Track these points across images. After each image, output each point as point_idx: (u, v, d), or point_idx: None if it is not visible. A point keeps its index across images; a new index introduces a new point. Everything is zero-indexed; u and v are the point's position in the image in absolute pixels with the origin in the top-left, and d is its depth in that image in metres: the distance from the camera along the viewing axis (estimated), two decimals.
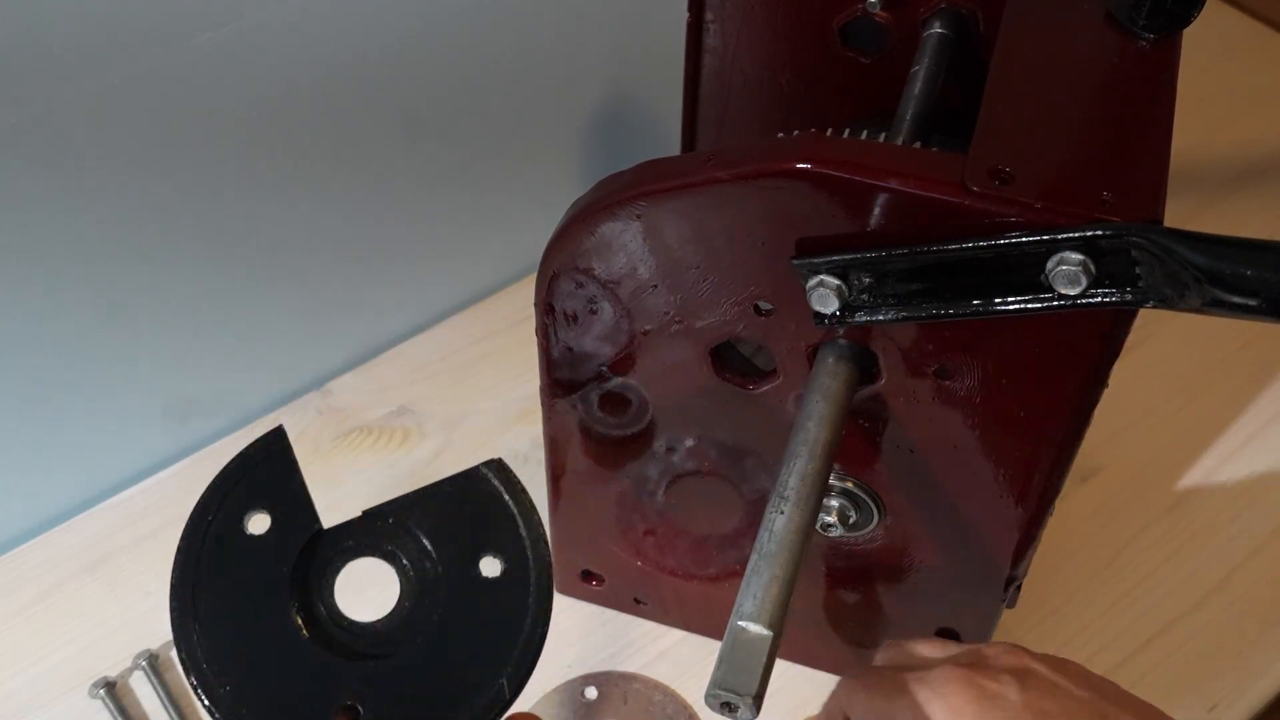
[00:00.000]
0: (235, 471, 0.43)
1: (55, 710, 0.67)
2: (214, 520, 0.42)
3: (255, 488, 0.42)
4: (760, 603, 0.44)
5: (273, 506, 0.43)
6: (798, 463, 0.48)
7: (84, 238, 0.66)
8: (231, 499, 0.42)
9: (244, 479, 0.43)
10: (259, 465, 0.43)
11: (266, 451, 0.43)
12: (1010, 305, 0.44)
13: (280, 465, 0.43)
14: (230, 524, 0.42)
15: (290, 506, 0.43)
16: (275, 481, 0.43)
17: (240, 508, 0.42)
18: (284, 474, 0.43)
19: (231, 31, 0.64)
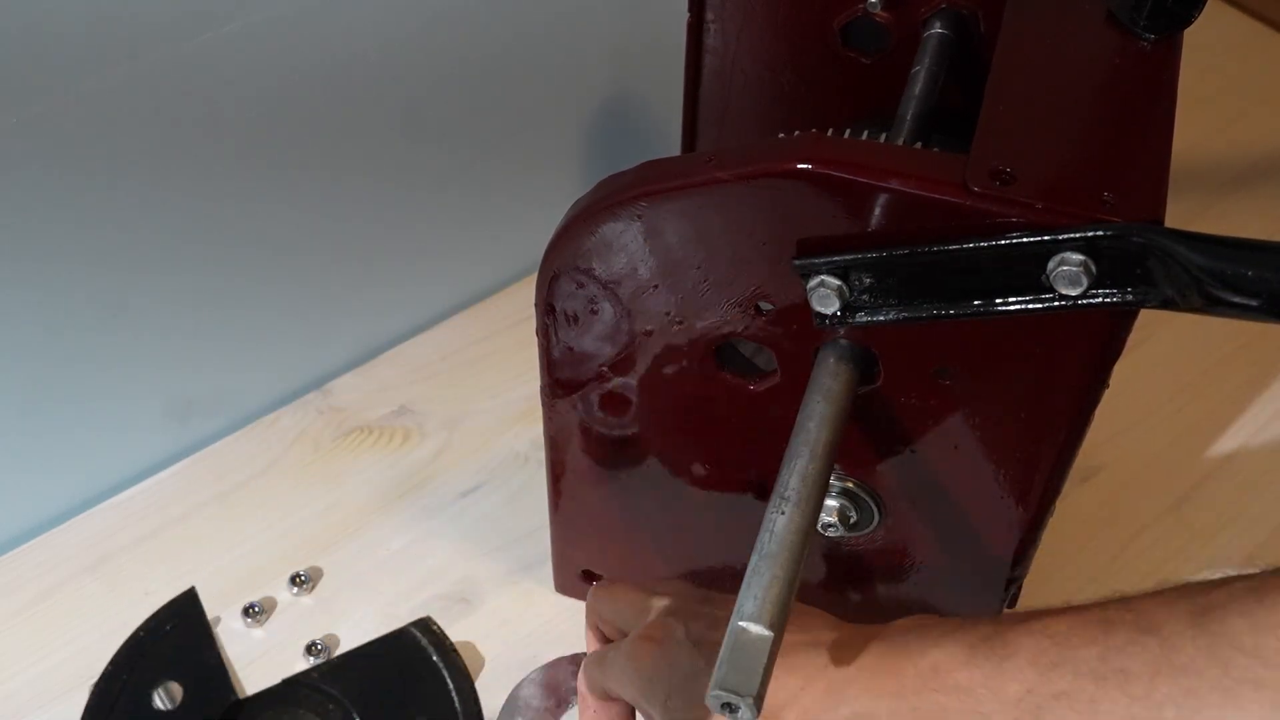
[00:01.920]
0: (142, 640, 0.39)
1: (55, 710, 0.67)
2: (121, 694, 0.39)
3: (165, 656, 0.39)
4: (761, 603, 0.44)
5: (184, 676, 0.39)
6: (798, 463, 0.48)
7: (84, 237, 0.66)
8: (139, 670, 0.39)
9: (152, 647, 0.39)
10: (169, 631, 0.39)
11: (177, 616, 0.39)
12: (1011, 306, 0.44)
13: (193, 630, 0.39)
14: (137, 698, 0.39)
15: (204, 675, 0.39)
16: (187, 648, 0.39)
17: (149, 680, 0.39)
18: (197, 640, 0.39)
19: (232, 31, 0.64)
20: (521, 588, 0.73)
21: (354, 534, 0.75)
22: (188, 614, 0.38)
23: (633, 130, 0.87)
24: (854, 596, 0.63)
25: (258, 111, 0.68)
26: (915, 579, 0.60)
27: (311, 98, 0.70)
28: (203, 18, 0.63)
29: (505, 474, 0.78)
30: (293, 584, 0.72)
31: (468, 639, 0.70)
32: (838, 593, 0.63)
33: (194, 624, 0.38)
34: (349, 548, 0.74)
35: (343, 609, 0.71)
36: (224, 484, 0.77)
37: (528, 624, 0.71)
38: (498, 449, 0.80)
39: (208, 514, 0.76)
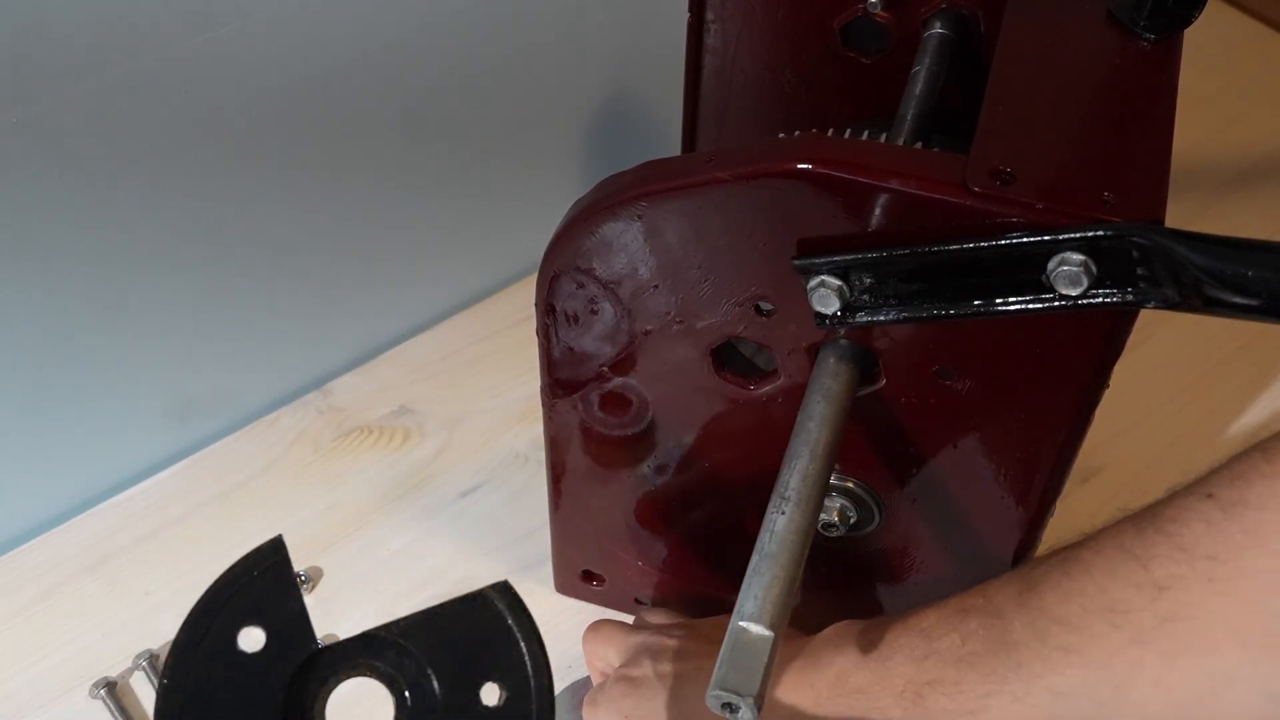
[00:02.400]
0: (231, 583, 0.40)
1: (55, 710, 0.67)
2: (207, 635, 0.40)
3: (251, 602, 0.40)
4: (761, 603, 0.44)
5: (268, 622, 0.40)
6: (798, 463, 0.48)
7: (84, 237, 0.66)
8: (226, 612, 0.40)
9: (240, 592, 0.40)
10: (256, 578, 0.40)
11: (265, 563, 0.40)
12: (1011, 306, 0.44)
13: (278, 578, 0.40)
14: (223, 640, 0.40)
15: (287, 623, 0.40)
16: (272, 596, 0.40)
17: (234, 622, 0.40)
18: (282, 588, 0.40)
19: (232, 31, 0.64)
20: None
21: (354, 534, 0.75)
22: (274, 561, 0.39)
23: (633, 130, 0.87)
24: (854, 596, 0.63)
25: (258, 111, 0.68)
26: (915, 579, 0.60)
27: (311, 98, 0.70)
28: (203, 18, 0.63)
29: (505, 474, 0.78)
30: None
31: None
32: (838, 593, 0.63)
33: (280, 572, 0.39)
34: (349, 548, 0.74)
35: (343, 609, 0.72)
36: (224, 484, 0.77)
37: None
38: (498, 449, 0.80)
39: (208, 514, 0.76)
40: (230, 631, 0.40)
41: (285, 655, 0.40)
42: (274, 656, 0.40)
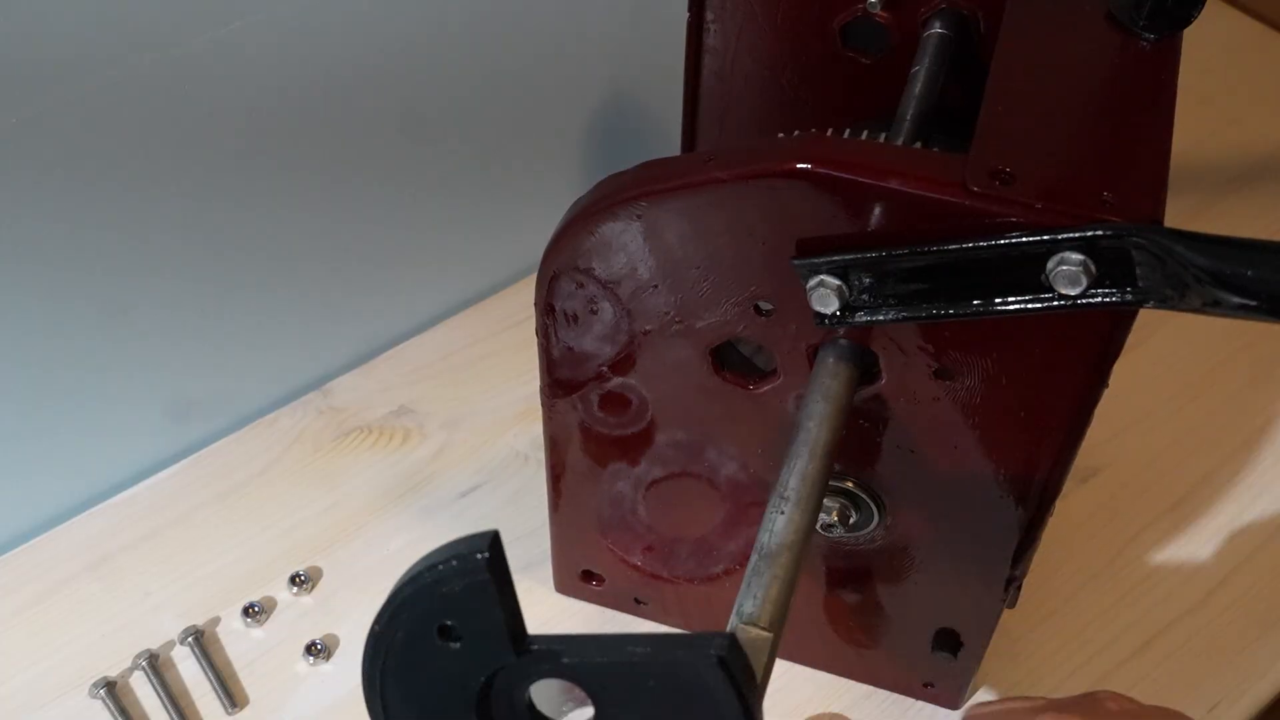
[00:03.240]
0: (435, 583, 0.37)
1: (55, 710, 0.67)
2: (407, 614, 0.37)
3: (452, 602, 0.37)
4: (760, 603, 0.44)
5: (467, 626, 0.37)
6: (798, 463, 0.48)
7: (84, 238, 0.66)
8: (426, 604, 0.37)
9: (441, 592, 0.37)
10: (466, 580, 0.36)
11: (485, 563, 0.36)
12: (1010, 305, 0.44)
13: (495, 583, 0.36)
14: (422, 628, 0.37)
15: (490, 628, 0.37)
16: (479, 603, 0.37)
17: (434, 616, 0.37)
18: (494, 594, 0.37)
19: (232, 32, 0.64)
20: (521, 588, 0.72)
21: (354, 534, 0.75)
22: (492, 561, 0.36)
23: (633, 130, 0.87)
24: (854, 596, 0.63)
25: (258, 112, 0.68)
26: (915, 579, 0.60)
27: (311, 98, 0.70)
28: (203, 18, 0.63)
29: (505, 474, 0.78)
30: (292, 584, 0.72)
31: None
32: (838, 593, 0.63)
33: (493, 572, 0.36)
34: (349, 548, 0.74)
35: (342, 609, 0.72)
36: (224, 484, 0.77)
37: (528, 624, 0.71)
38: (497, 449, 0.80)
39: (208, 514, 0.76)
40: (430, 621, 0.37)
41: (481, 660, 0.38)
42: (470, 657, 0.38)
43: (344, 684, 0.68)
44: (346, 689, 0.68)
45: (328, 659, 0.69)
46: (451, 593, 0.36)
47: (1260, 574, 0.74)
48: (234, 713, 0.67)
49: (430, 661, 0.37)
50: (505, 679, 0.38)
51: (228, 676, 0.69)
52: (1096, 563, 0.74)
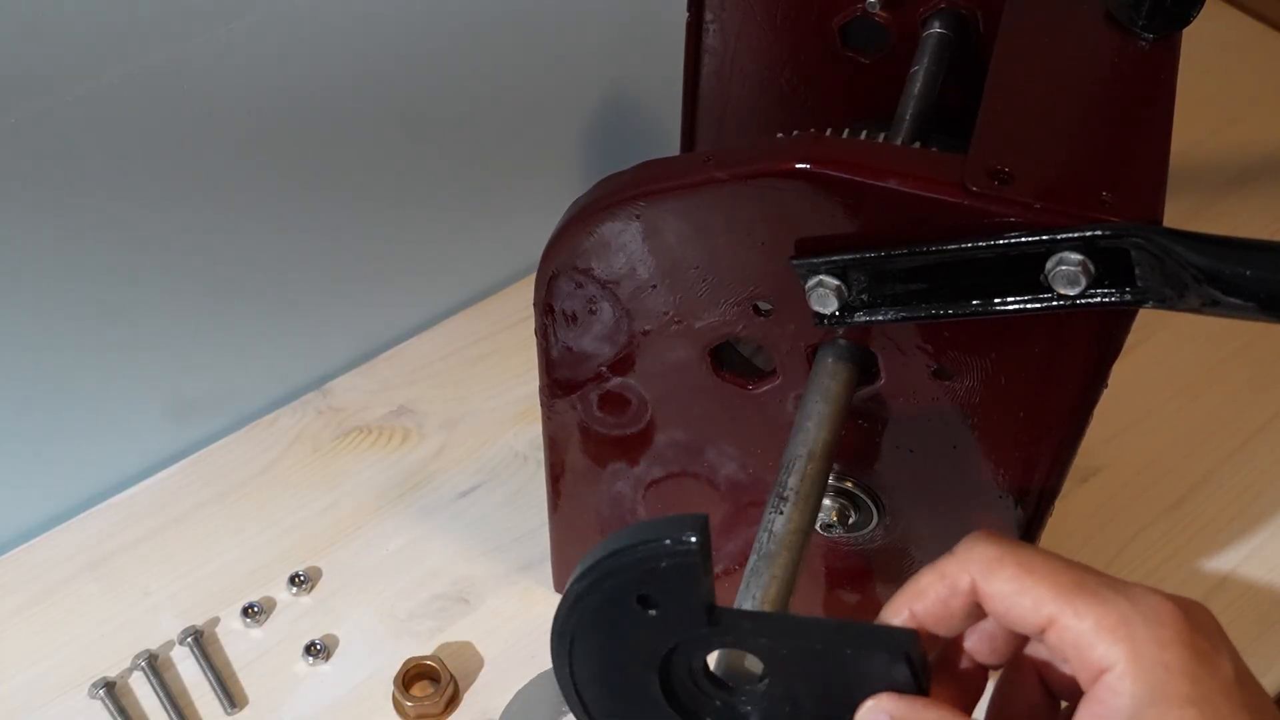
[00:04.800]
0: (644, 558, 0.38)
1: (55, 710, 0.67)
2: (610, 581, 0.39)
3: (657, 576, 0.38)
4: (760, 603, 0.44)
5: (666, 597, 0.39)
6: (797, 463, 0.48)
7: (83, 237, 0.66)
8: (630, 575, 0.39)
9: (648, 567, 0.38)
10: (676, 560, 0.38)
11: (696, 546, 0.38)
12: (1010, 305, 0.44)
13: (702, 565, 0.38)
14: (622, 594, 0.39)
15: (688, 603, 0.39)
16: (682, 580, 0.38)
17: (636, 585, 0.39)
18: (699, 575, 0.38)
19: (232, 32, 0.64)
20: (521, 587, 0.73)
21: (353, 534, 0.75)
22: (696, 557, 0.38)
23: (633, 130, 0.87)
24: (854, 597, 0.63)
25: (257, 111, 0.68)
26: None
27: (311, 97, 0.70)
28: (203, 18, 0.63)
29: (505, 474, 0.78)
30: (292, 584, 0.72)
31: (467, 639, 0.70)
32: (838, 593, 0.63)
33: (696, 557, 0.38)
34: (348, 548, 0.74)
35: (342, 609, 0.72)
36: (224, 484, 0.77)
37: (528, 624, 0.71)
38: (497, 449, 0.80)
39: (207, 514, 0.76)
40: (629, 590, 0.39)
41: (673, 631, 0.40)
42: (663, 627, 0.40)
43: (343, 684, 0.68)
44: (346, 689, 0.68)
45: (327, 659, 0.69)
46: (657, 568, 0.38)
47: (1260, 574, 0.74)
48: (233, 713, 0.67)
49: (623, 624, 0.39)
50: (689, 646, 0.40)
51: (227, 677, 0.69)
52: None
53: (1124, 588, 0.37)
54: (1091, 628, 0.36)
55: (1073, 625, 0.37)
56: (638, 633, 0.40)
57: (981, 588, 0.39)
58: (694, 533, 0.37)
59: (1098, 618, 0.36)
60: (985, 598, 0.39)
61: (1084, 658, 0.37)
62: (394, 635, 0.70)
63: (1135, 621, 0.36)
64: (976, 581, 0.39)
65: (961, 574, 0.39)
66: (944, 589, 0.39)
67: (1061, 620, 0.37)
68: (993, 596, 0.38)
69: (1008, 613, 0.38)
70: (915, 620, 0.40)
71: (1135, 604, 0.37)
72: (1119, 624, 0.36)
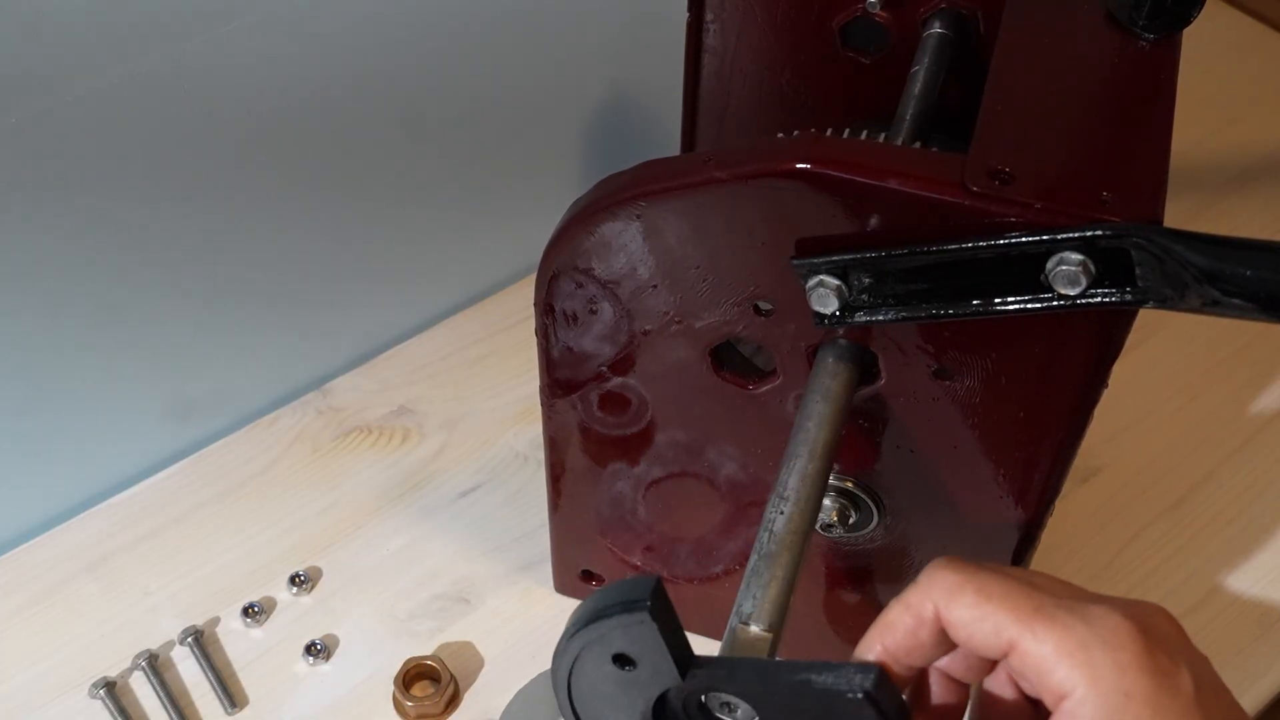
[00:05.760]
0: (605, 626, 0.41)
1: (55, 710, 0.67)
2: (584, 648, 0.42)
3: (623, 639, 0.41)
4: (760, 603, 0.44)
5: (639, 656, 0.41)
6: (798, 463, 0.48)
7: (84, 238, 0.66)
8: (599, 642, 0.41)
9: (612, 632, 0.41)
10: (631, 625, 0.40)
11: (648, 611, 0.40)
12: (1010, 305, 0.44)
13: (659, 626, 0.40)
14: (600, 656, 0.42)
15: (658, 659, 0.41)
16: (645, 641, 0.41)
17: (608, 647, 0.41)
18: (657, 636, 0.40)
19: (232, 32, 0.64)
20: (521, 587, 0.73)
21: (353, 534, 0.75)
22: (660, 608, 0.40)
23: (633, 130, 0.87)
24: (854, 596, 0.63)
25: (257, 112, 0.68)
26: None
27: (310, 97, 0.70)
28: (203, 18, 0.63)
29: (505, 474, 0.78)
30: (292, 584, 0.72)
31: (467, 639, 0.70)
32: (838, 593, 0.63)
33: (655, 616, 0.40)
34: (348, 548, 0.74)
35: (342, 609, 0.72)
36: (224, 484, 0.77)
37: (528, 624, 0.71)
38: (497, 449, 0.80)
39: (208, 514, 0.76)
40: (605, 650, 0.42)
41: (652, 685, 0.42)
42: (643, 681, 0.42)
43: (343, 684, 0.68)
44: (346, 689, 0.68)
45: (327, 659, 0.69)
46: (620, 633, 0.40)
47: (1260, 574, 0.74)
48: (234, 713, 0.67)
49: (609, 678, 0.42)
50: (676, 692, 0.42)
51: (227, 676, 0.69)
52: (1096, 563, 0.74)
53: (1083, 609, 0.37)
54: (1051, 652, 0.37)
55: (1032, 650, 0.37)
56: (624, 685, 0.42)
57: (944, 616, 0.39)
58: (646, 598, 0.39)
59: (1056, 642, 0.37)
60: (948, 625, 0.39)
61: (1045, 682, 0.37)
62: (394, 635, 0.70)
63: (1093, 646, 0.36)
64: (939, 610, 0.39)
65: (925, 603, 0.39)
66: (911, 620, 0.39)
67: (1021, 645, 0.37)
68: (954, 624, 0.39)
69: (970, 639, 0.38)
70: (888, 654, 0.40)
71: (1093, 627, 0.37)
72: (1077, 649, 0.36)
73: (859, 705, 0.37)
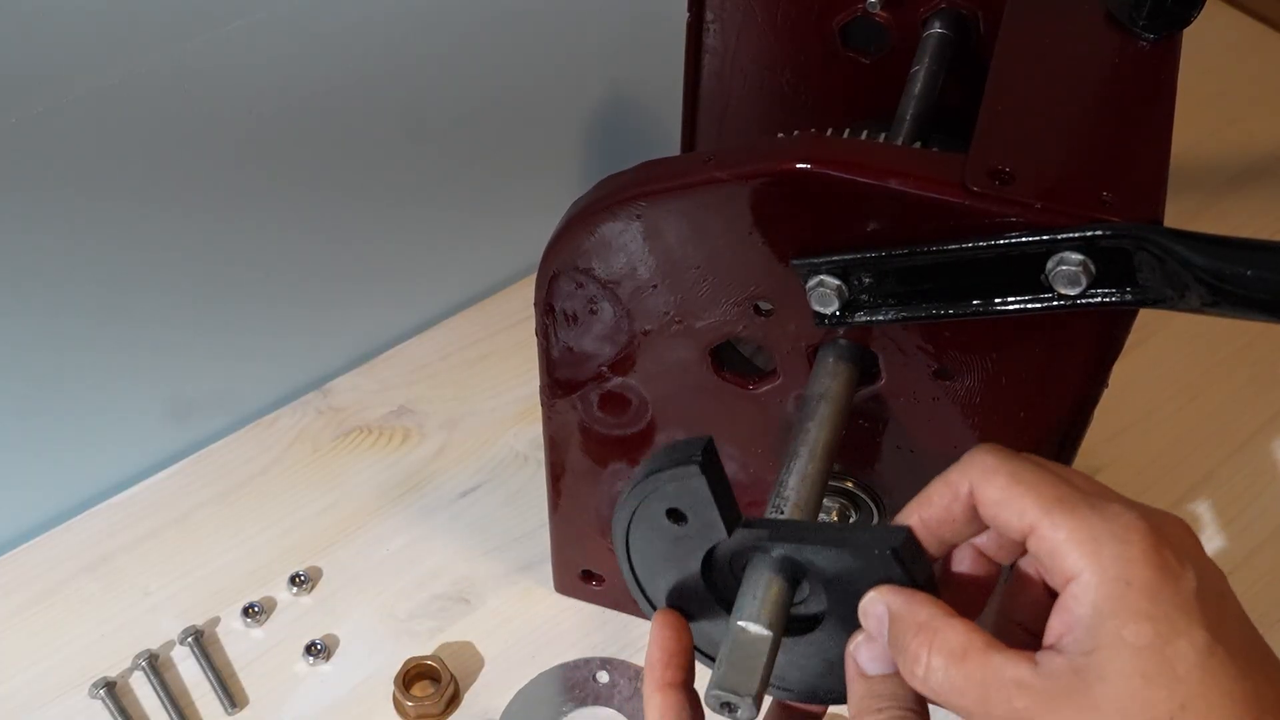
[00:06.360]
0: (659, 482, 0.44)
1: (55, 710, 0.67)
2: (640, 504, 0.45)
3: (675, 495, 0.44)
4: (760, 603, 0.44)
5: (690, 512, 0.45)
6: (798, 463, 0.48)
7: (84, 238, 0.66)
8: (655, 498, 0.45)
9: (666, 488, 0.44)
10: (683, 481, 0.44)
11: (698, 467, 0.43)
12: (1010, 305, 0.44)
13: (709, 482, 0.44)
14: (655, 512, 0.45)
15: (708, 514, 0.44)
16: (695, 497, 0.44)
17: (662, 503, 0.45)
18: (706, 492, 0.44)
19: (232, 32, 0.64)
20: (521, 587, 0.73)
21: (353, 534, 0.75)
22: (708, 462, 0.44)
23: (633, 130, 0.87)
24: None
25: (258, 112, 0.68)
26: None
27: (311, 97, 0.70)
28: (203, 18, 0.63)
29: (505, 474, 0.78)
30: (292, 584, 0.72)
31: (467, 639, 0.70)
32: None
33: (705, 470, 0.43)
34: (349, 548, 0.74)
35: (342, 609, 0.72)
36: (224, 484, 0.77)
37: (528, 624, 0.71)
38: (497, 449, 0.80)
39: (208, 514, 0.76)
40: (661, 503, 0.45)
41: (704, 537, 0.45)
42: (696, 534, 0.45)
43: (344, 684, 0.69)
44: (346, 689, 0.68)
45: (327, 659, 0.69)
46: (671, 490, 0.44)
47: (1260, 574, 0.74)
48: (234, 713, 0.67)
49: (663, 533, 0.46)
50: (724, 548, 0.46)
51: (227, 676, 0.69)
52: None
53: (1103, 505, 0.39)
54: (1065, 539, 0.38)
55: (1049, 536, 0.39)
56: (676, 540, 0.46)
57: (976, 494, 0.41)
58: (698, 454, 0.43)
59: (1071, 530, 0.38)
60: (979, 504, 0.41)
61: (1057, 566, 0.39)
62: (394, 635, 0.70)
63: (1104, 538, 0.38)
64: (974, 488, 0.41)
65: (962, 481, 0.41)
66: (947, 495, 0.42)
67: (1040, 530, 0.39)
68: (984, 503, 0.41)
69: (995, 519, 0.40)
70: (923, 524, 0.42)
71: (1107, 521, 0.38)
72: (1088, 539, 0.38)
73: (887, 561, 0.41)
